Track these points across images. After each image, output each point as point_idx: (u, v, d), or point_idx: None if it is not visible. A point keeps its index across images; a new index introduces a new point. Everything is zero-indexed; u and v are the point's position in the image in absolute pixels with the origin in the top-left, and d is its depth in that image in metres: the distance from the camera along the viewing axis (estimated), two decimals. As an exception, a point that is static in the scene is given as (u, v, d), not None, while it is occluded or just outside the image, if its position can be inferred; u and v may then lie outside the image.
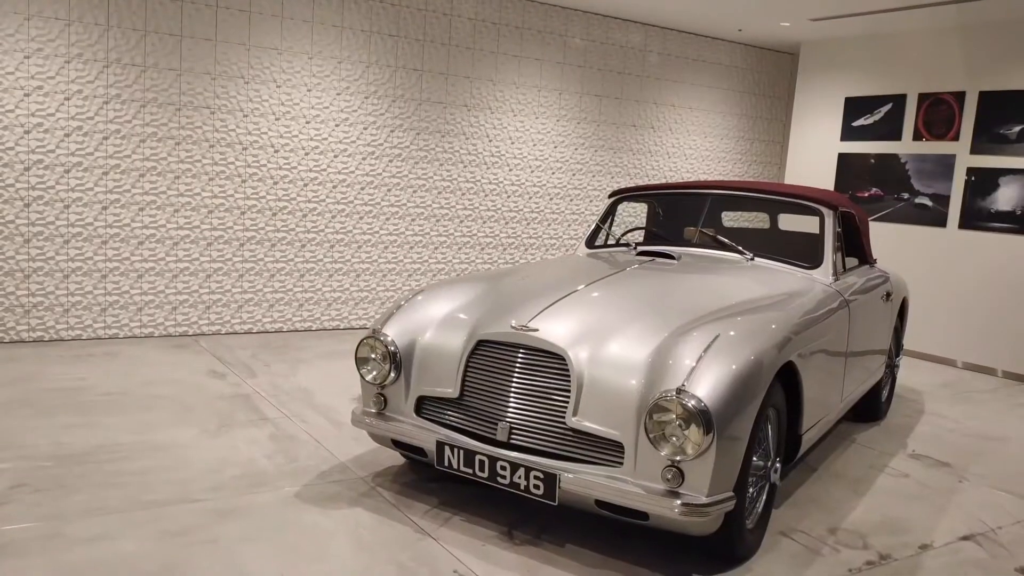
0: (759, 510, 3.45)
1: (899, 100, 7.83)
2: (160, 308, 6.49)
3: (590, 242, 5.20)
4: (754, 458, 3.28)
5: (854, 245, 5.18)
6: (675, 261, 4.40)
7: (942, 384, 6.88)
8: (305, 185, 6.94)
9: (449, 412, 3.50)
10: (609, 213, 5.27)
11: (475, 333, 3.50)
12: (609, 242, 5.21)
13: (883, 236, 7.95)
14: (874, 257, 5.56)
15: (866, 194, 8.10)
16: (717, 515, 2.97)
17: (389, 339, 3.62)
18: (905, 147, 7.78)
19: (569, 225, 8.50)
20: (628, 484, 3.00)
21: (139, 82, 6.17)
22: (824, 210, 4.60)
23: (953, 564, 3.43)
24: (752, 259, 4.55)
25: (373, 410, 3.69)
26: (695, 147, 9.18)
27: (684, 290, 3.85)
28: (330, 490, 3.71)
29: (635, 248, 4.81)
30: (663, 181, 8.95)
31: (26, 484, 3.54)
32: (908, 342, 7.86)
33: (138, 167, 6.25)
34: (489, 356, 3.42)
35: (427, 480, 3.90)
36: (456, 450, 3.33)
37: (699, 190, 4.95)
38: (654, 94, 8.75)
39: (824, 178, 8.49)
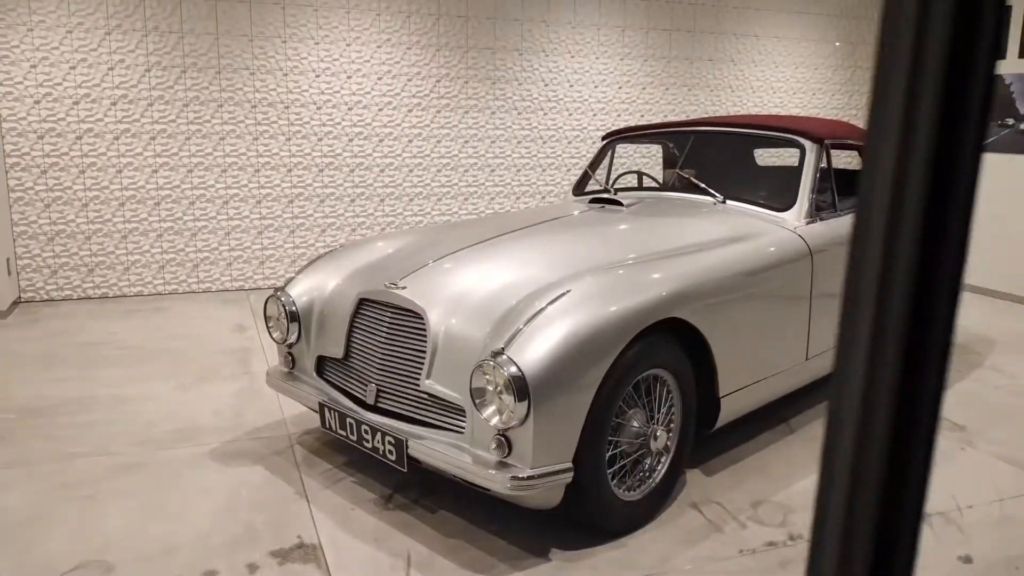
0: (657, 480, 3.12)
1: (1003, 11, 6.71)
2: (215, 264, 6.82)
3: (578, 189, 4.88)
4: (635, 424, 2.97)
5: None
6: (623, 208, 4.04)
7: (1042, 339, 5.94)
8: (350, 140, 6.99)
9: (338, 373, 3.42)
10: (600, 157, 4.91)
11: (361, 292, 3.39)
12: (603, 188, 4.86)
13: (984, 168, 6.93)
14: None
15: (976, 121, 7.05)
16: (552, 487, 2.71)
17: (290, 299, 3.58)
18: (1009, 66, 6.68)
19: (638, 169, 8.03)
20: (465, 453, 2.81)
21: (178, 48, 6.42)
22: (805, 143, 4.03)
23: (884, 554, 2.95)
24: (723, 202, 4.10)
25: (284, 369, 3.68)
26: (784, 79, 8.37)
27: (599, 240, 3.51)
28: (247, 447, 3.75)
29: (613, 192, 4.48)
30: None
31: (-22, 434, 3.84)
32: (1009, 286, 6.86)
33: (183, 131, 6.54)
34: (368, 315, 3.31)
35: (344, 439, 3.85)
36: (334, 412, 3.25)
37: (686, 128, 4.51)
38: (732, 24, 8.03)
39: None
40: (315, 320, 3.55)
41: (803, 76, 8.43)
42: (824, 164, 4.05)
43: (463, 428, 2.87)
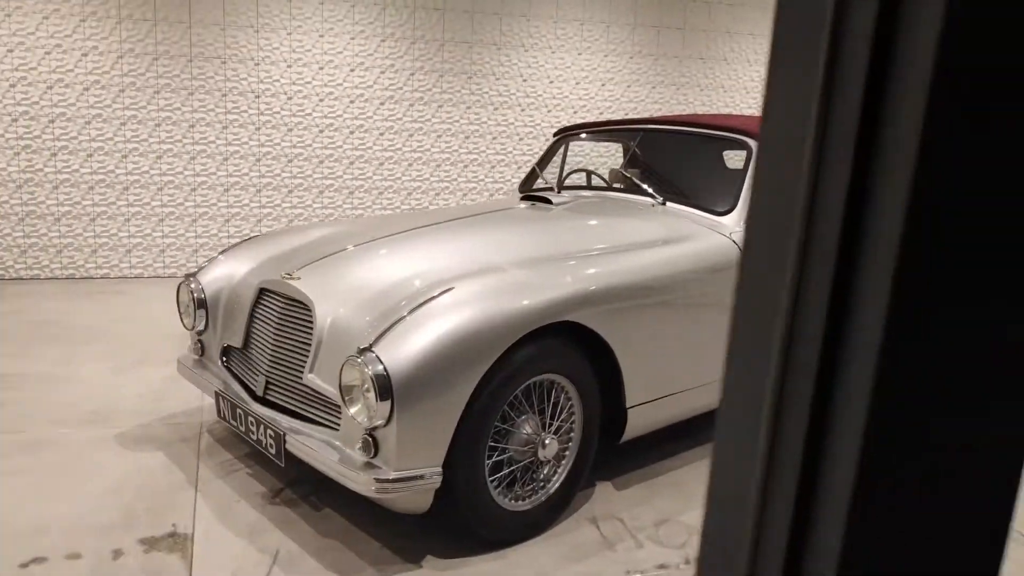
0: (552, 491, 3.05)
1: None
2: (181, 251, 6.84)
3: (524, 186, 4.83)
4: (526, 431, 2.92)
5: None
6: (551, 206, 3.98)
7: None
8: (320, 132, 6.99)
9: (238, 362, 3.41)
10: (551, 153, 4.85)
11: (261, 281, 3.36)
12: (548, 186, 4.80)
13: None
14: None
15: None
16: (419, 492, 2.67)
17: (200, 286, 3.57)
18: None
19: (590, 168, 7.96)
20: (336, 451, 2.77)
21: (151, 35, 6.45)
22: (751, 143, 3.93)
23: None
24: (663, 203, 4.02)
25: (194, 356, 3.67)
26: (774, 81, 8.21)
27: (514, 238, 3.45)
28: (156, 432, 3.75)
29: (558, 191, 4.42)
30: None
31: None
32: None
33: (154, 117, 6.57)
34: (266, 305, 3.29)
35: (254, 430, 3.83)
36: (227, 402, 3.23)
37: (635, 126, 4.44)
38: (726, 22, 7.91)
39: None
40: (223, 308, 3.54)
41: (790, 80, 8.28)
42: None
43: (339, 425, 2.83)
